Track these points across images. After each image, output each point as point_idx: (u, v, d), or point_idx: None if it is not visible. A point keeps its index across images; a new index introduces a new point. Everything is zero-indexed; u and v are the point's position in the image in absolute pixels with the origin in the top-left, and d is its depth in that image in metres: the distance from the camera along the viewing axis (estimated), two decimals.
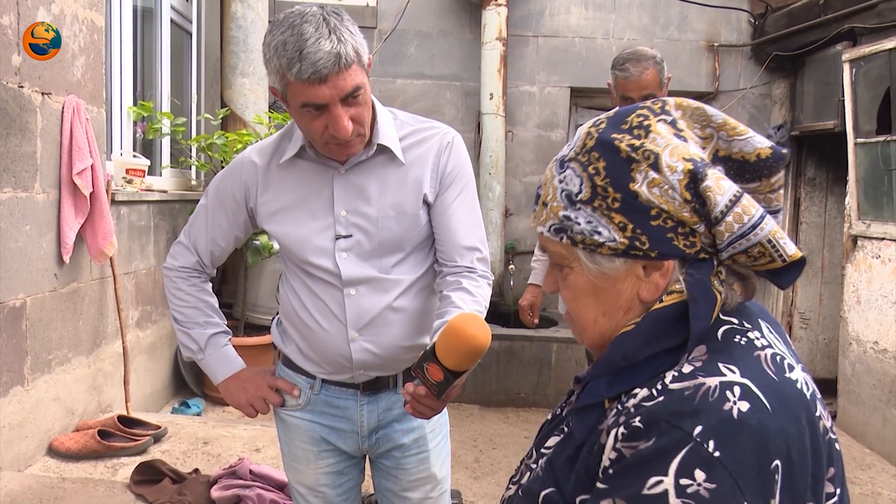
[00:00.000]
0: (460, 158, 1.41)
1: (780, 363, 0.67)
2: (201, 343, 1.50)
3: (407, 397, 1.14)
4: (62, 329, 2.35)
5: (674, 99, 0.72)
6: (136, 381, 3.03)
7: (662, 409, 0.62)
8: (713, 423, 0.60)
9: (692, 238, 0.67)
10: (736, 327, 0.69)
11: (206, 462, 2.26)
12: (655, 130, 0.68)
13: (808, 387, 0.67)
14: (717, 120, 0.69)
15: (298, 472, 1.51)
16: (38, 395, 2.22)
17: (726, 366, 0.64)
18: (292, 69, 1.16)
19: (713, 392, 0.62)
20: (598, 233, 0.69)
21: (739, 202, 0.65)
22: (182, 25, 3.94)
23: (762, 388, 0.63)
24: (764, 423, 0.61)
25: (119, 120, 3.17)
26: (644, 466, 0.61)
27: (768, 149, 0.68)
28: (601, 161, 0.69)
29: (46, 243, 2.23)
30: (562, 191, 0.72)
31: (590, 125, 0.74)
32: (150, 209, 3.16)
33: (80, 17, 2.36)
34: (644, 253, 0.68)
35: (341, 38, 1.17)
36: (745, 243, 0.65)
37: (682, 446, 0.60)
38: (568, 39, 4.88)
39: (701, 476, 0.58)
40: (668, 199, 0.66)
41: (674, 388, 0.63)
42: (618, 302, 0.72)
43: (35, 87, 2.12)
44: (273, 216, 1.40)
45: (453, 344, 1.04)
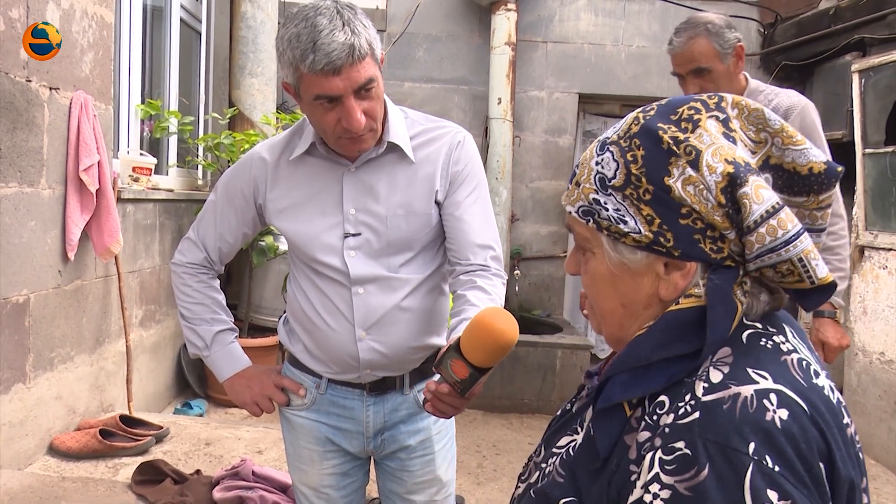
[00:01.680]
0: (471, 157, 1.40)
1: (807, 369, 0.65)
2: (207, 340, 1.48)
3: (428, 395, 1.11)
4: (65, 327, 2.33)
5: (732, 96, 0.69)
6: (139, 381, 3.01)
7: (704, 429, 0.59)
8: (762, 436, 0.58)
9: (721, 243, 0.65)
10: (760, 331, 0.66)
11: (208, 463, 2.24)
12: (704, 126, 0.66)
13: (834, 394, 0.65)
14: (774, 125, 0.66)
15: (303, 472, 1.49)
16: (39, 392, 2.20)
17: (756, 371, 0.62)
18: (306, 60, 1.15)
19: (751, 402, 0.59)
20: (625, 222, 0.67)
21: (777, 215, 0.62)
22: (191, 25, 3.94)
23: (797, 393, 0.61)
24: (805, 429, 0.59)
25: (126, 118, 3.16)
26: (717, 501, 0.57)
27: (823, 164, 0.64)
28: (641, 149, 0.67)
29: (51, 239, 2.21)
30: (596, 173, 0.70)
31: (639, 111, 0.71)
32: (156, 208, 3.15)
33: (89, 13, 2.35)
34: (667, 250, 0.66)
35: (355, 30, 1.16)
36: (775, 258, 0.63)
37: (744, 469, 0.57)
38: (577, 45, 4.87)
39: (774, 496, 0.56)
40: (701, 199, 0.64)
41: (707, 400, 0.61)
42: (637, 296, 0.70)
43: (43, 82, 2.11)
44: (282, 213, 1.39)
45: (480, 339, 1.00)
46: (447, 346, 1.06)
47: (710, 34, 1.98)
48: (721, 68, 1.98)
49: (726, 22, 2.02)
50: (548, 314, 4.98)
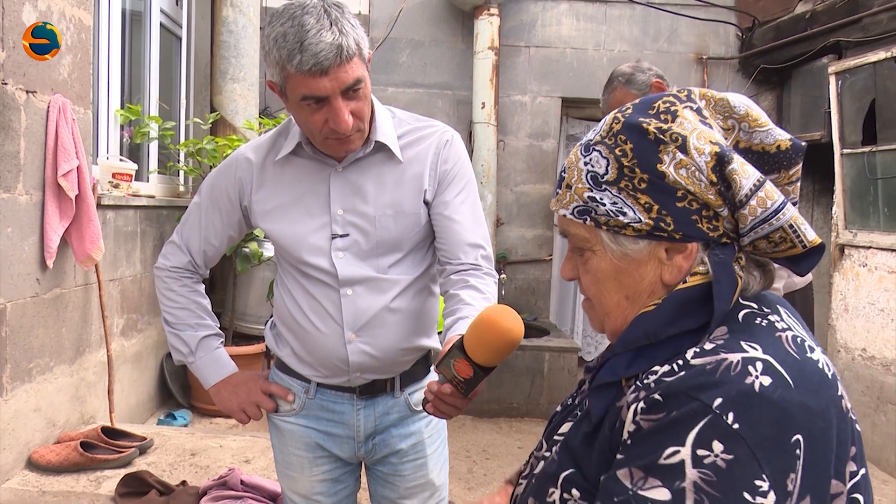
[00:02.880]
0: (460, 157, 1.39)
1: (802, 344, 0.67)
2: (192, 345, 1.45)
3: (430, 396, 1.08)
4: (44, 336, 2.28)
5: (699, 89, 0.73)
6: (121, 392, 2.95)
7: (682, 383, 0.63)
8: (733, 395, 0.60)
9: (716, 222, 0.68)
10: (756, 311, 0.69)
11: (193, 474, 2.19)
12: (682, 115, 0.70)
13: (829, 367, 0.68)
14: (739, 111, 0.70)
15: (292, 479, 1.47)
16: (17, 405, 2.14)
17: (748, 343, 0.64)
18: (293, 61, 1.14)
19: (735, 366, 0.62)
20: (623, 213, 0.70)
21: (763, 187, 0.66)
22: (171, 30, 3.89)
23: (784, 364, 0.63)
24: (786, 397, 0.61)
25: (106, 123, 3.11)
26: (661, 436, 0.61)
27: (788, 140, 0.69)
28: (628, 143, 0.70)
29: (29, 247, 2.16)
30: (587, 172, 0.72)
31: (616, 112, 0.74)
32: (137, 214, 3.10)
33: (67, 15, 2.31)
34: (669, 234, 0.69)
35: (343, 29, 1.15)
36: (768, 228, 0.66)
37: (700, 417, 0.60)
38: (559, 50, 4.90)
39: (719, 447, 0.59)
40: (694, 180, 0.67)
41: (695, 363, 0.64)
42: (641, 285, 0.72)
43: (19, 85, 2.06)
44: (268, 214, 1.37)
45: (486, 338, 0.98)
46: (450, 345, 1.04)
47: (623, 84, 2.21)
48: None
49: (635, 68, 2.23)
50: (535, 318, 4.98)
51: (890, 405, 3.52)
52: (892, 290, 3.53)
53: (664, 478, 0.60)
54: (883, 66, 3.56)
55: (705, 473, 0.58)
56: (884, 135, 3.61)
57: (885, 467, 3.53)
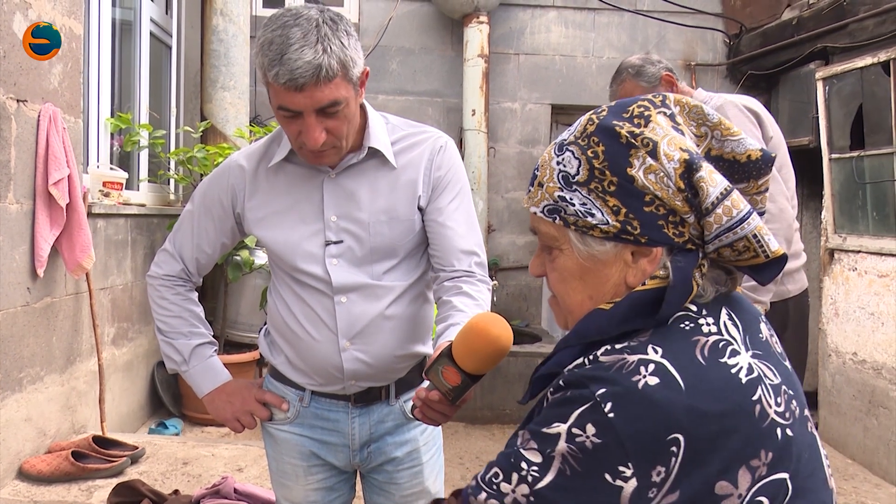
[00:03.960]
0: (454, 162, 1.39)
1: (721, 349, 0.69)
2: (185, 354, 1.45)
3: (418, 403, 1.08)
4: (35, 346, 2.26)
5: (674, 95, 0.75)
6: (112, 401, 2.93)
7: (582, 373, 0.69)
8: (616, 389, 0.65)
9: (682, 227, 0.70)
10: (690, 314, 0.71)
11: (186, 483, 2.18)
12: (655, 121, 0.71)
13: (752, 371, 0.69)
14: (712, 119, 0.72)
15: (287, 488, 1.46)
16: (7, 414, 2.12)
17: (654, 346, 0.68)
18: (272, 71, 1.14)
19: (629, 366, 0.67)
20: (592, 214, 0.71)
21: (729, 196, 0.67)
22: (161, 39, 3.89)
23: (680, 369, 0.66)
24: (670, 398, 0.64)
25: (96, 131, 3.10)
26: (553, 411, 0.68)
27: (759, 151, 0.71)
28: (600, 145, 0.71)
29: (19, 256, 2.15)
30: (559, 172, 0.74)
31: (591, 113, 0.76)
32: (128, 223, 3.09)
33: (57, 24, 2.31)
34: (634, 238, 0.70)
35: (328, 48, 1.13)
36: (732, 237, 0.68)
37: (583, 402, 0.66)
38: (549, 57, 4.93)
39: (591, 430, 0.65)
40: (662, 186, 0.69)
41: (602, 359, 0.69)
42: (605, 286, 0.74)
43: (10, 94, 2.05)
44: (261, 221, 1.37)
45: (475, 345, 0.97)
46: (438, 352, 1.04)
47: (632, 76, 2.21)
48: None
49: (645, 59, 2.23)
50: (526, 324, 4.99)
51: (881, 409, 3.55)
52: (882, 294, 3.56)
53: (540, 443, 0.68)
54: (870, 72, 3.61)
55: (573, 449, 0.65)
56: (871, 139, 3.65)
57: (876, 471, 3.55)
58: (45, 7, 2.22)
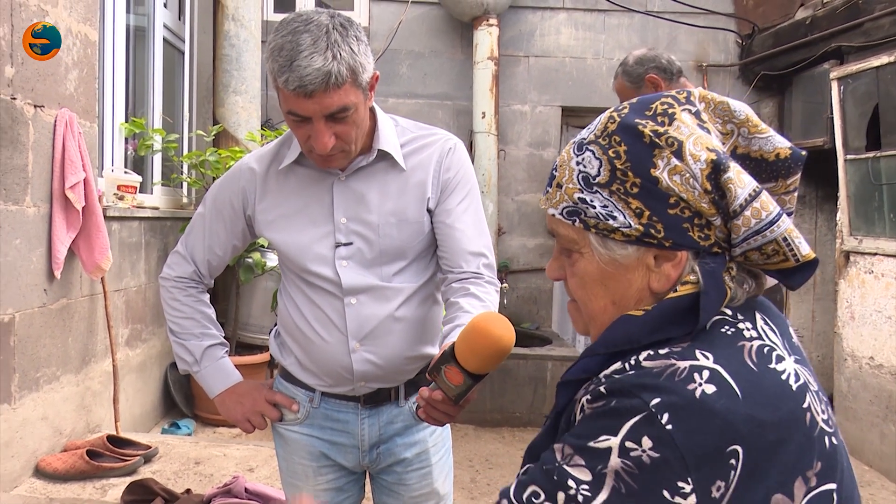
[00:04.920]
0: (463, 164, 1.40)
1: (767, 354, 0.66)
2: (197, 355, 1.46)
3: (421, 402, 1.09)
4: (51, 346, 2.30)
5: (699, 90, 0.71)
6: (126, 401, 2.96)
7: (627, 380, 0.64)
8: (672, 399, 0.61)
9: (707, 231, 0.67)
10: (727, 318, 0.68)
11: (198, 482, 2.20)
12: (680, 119, 0.68)
13: (798, 378, 0.66)
14: (739, 116, 0.68)
15: (297, 488, 1.47)
16: (25, 413, 2.15)
17: (703, 352, 0.64)
18: (282, 77, 1.15)
19: (681, 373, 0.62)
20: (613, 217, 0.68)
21: (758, 198, 0.64)
22: (174, 44, 3.94)
23: (734, 375, 0.63)
24: (730, 407, 0.61)
25: (111, 136, 3.14)
26: (598, 422, 0.63)
27: (788, 149, 0.67)
28: (622, 145, 0.68)
29: (37, 258, 2.18)
30: (579, 173, 0.70)
31: (612, 110, 0.72)
32: (142, 226, 3.12)
33: (73, 31, 2.34)
34: (658, 241, 0.67)
35: (337, 55, 1.14)
36: (761, 240, 0.65)
37: (636, 413, 0.61)
38: (559, 59, 4.93)
39: (647, 444, 0.60)
40: (688, 188, 0.65)
41: (645, 364, 0.64)
42: (628, 291, 0.71)
43: (27, 100, 2.09)
44: (272, 224, 1.38)
45: (476, 345, 0.98)
46: (441, 352, 1.04)
47: (623, 73, 2.21)
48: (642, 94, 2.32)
49: (640, 58, 2.21)
50: (537, 326, 4.98)
51: None
52: None
53: (589, 459, 0.62)
54: (886, 71, 3.57)
55: (628, 465, 0.60)
56: (888, 140, 3.61)
57: (894, 478, 3.50)
58: (61, 14, 2.25)
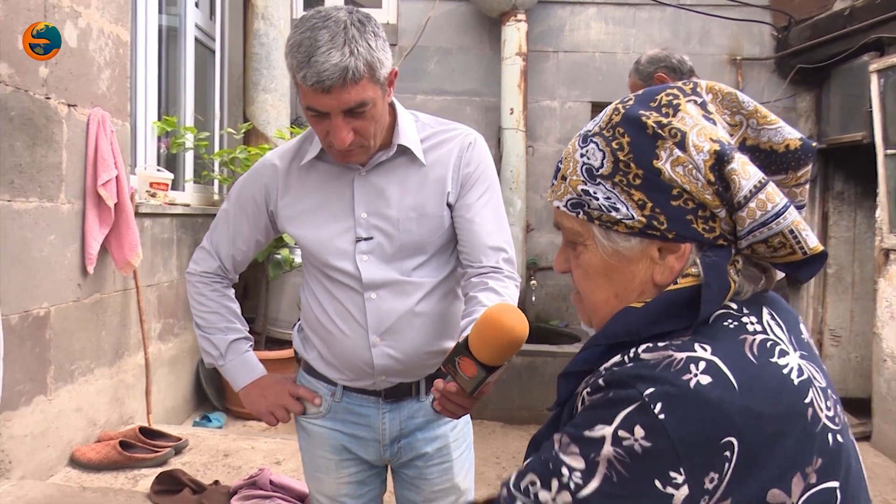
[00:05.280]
0: (483, 159, 1.39)
1: (770, 349, 0.65)
2: (222, 349, 1.48)
3: (436, 394, 1.10)
4: (85, 339, 2.36)
5: (706, 81, 0.70)
6: (158, 394, 3.03)
7: (624, 372, 0.64)
8: (666, 388, 0.60)
9: (712, 223, 0.66)
10: (731, 312, 0.67)
11: (226, 474, 2.24)
12: (685, 110, 0.67)
13: (802, 373, 0.65)
14: (748, 107, 0.68)
15: (319, 481, 1.49)
16: (60, 404, 2.22)
17: (702, 344, 0.63)
18: (300, 73, 1.16)
19: (677, 364, 0.62)
20: (616, 209, 0.68)
21: (764, 189, 0.63)
22: (205, 43, 4.00)
23: (732, 367, 0.62)
24: (724, 398, 0.60)
25: (144, 134, 3.21)
26: (595, 413, 0.63)
27: (798, 140, 0.66)
28: (626, 136, 0.68)
29: (71, 253, 2.24)
30: (583, 165, 0.70)
31: (617, 102, 0.72)
32: (174, 222, 3.19)
33: (105, 32, 2.40)
34: (661, 233, 0.67)
35: (354, 51, 1.14)
36: (767, 232, 0.64)
37: (630, 403, 0.61)
38: (588, 54, 4.87)
39: (640, 433, 0.60)
40: (691, 179, 0.65)
41: (643, 357, 0.64)
42: (631, 283, 0.71)
43: (61, 99, 2.15)
44: (293, 219, 1.39)
45: (489, 336, 0.98)
46: (455, 344, 1.05)
47: (635, 72, 2.29)
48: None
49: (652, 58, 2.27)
50: (565, 324, 4.94)
51: None
52: None
53: (583, 447, 0.63)
54: None
55: (620, 454, 0.60)
56: None
57: None
58: (93, 16, 2.31)
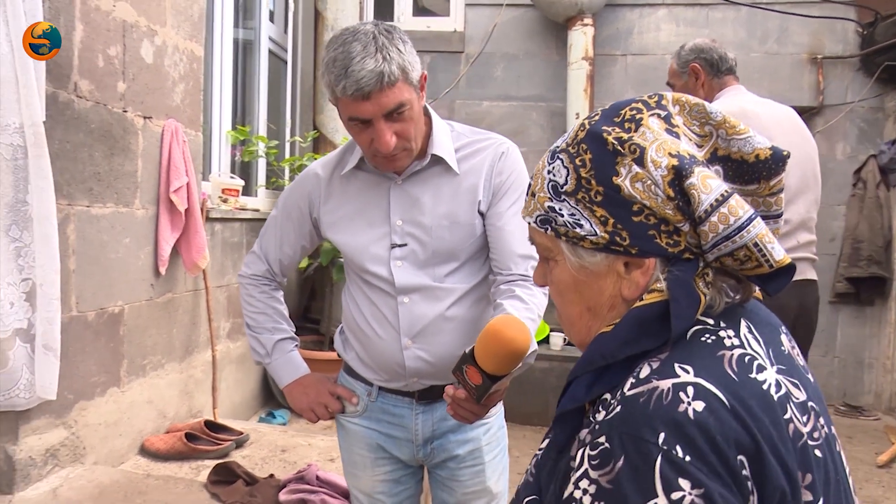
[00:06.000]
0: (515, 168, 1.41)
1: (748, 364, 0.64)
2: (269, 347, 1.57)
3: (448, 400, 1.13)
4: (157, 336, 2.52)
5: (672, 94, 0.71)
6: (226, 390, 3.19)
7: (620, 421, 0.61)
8: (671, 428, 0.58)
9: (676, 237, 0.66)
10: (708, 327, 0.67)
11: (281, 468, 2.34)
12: (646, 125, 0.67)
13: (780, 388, 0.64)
14: (716, 118, 0.67)
15: (357, 478, 1.54)
16: (132, 396, 2.38)
17: (681, 366, 0.62)
18: (339, 85, 1.22)
19: (666, 395, 0.60)
20: (581, 225, 0.69)
21: (727, 202, 0.63)
22: (279, 55, 4.19)
23: (720, 386, 0.61)
24: (722, 421, 0.59)
25: (218, 143, 3.40)
26: (627, 492, 0.58)
27: (768, 150, 0.66)
28: (588, 153, 0.69)
29: (144, 255, 2.41)
30: (549, 182, 0.71)
31: (585, 117, 0.73)
32: (243, 227, 3.35)
33: (180, 48, 2.57)
34: (625, 249, 0.67)
35: (387, 56, 1.20)
36: (731, 245, 0.64)
37: (653, 461, 0.58)
38: (658, 57, 4.76)
39: (686, 485, 0.57)
40: (650, 195, 0.65)
41: (629, 395, 0.62)
42: (600, 298, 0.71)
43: (138, 112, 2.31)
44: (334, 225, 1.46)
45: (491, 347, 1.01)
46: (463, 352, 1.08)
47: (676, 56, 2.35)
48: (679, 84, 2.33)
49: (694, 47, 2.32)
50: None
51: None
52: None
53: None
54: None
55: None
56: None
57: None
58: (169, 33, 2.48)
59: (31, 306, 1.82)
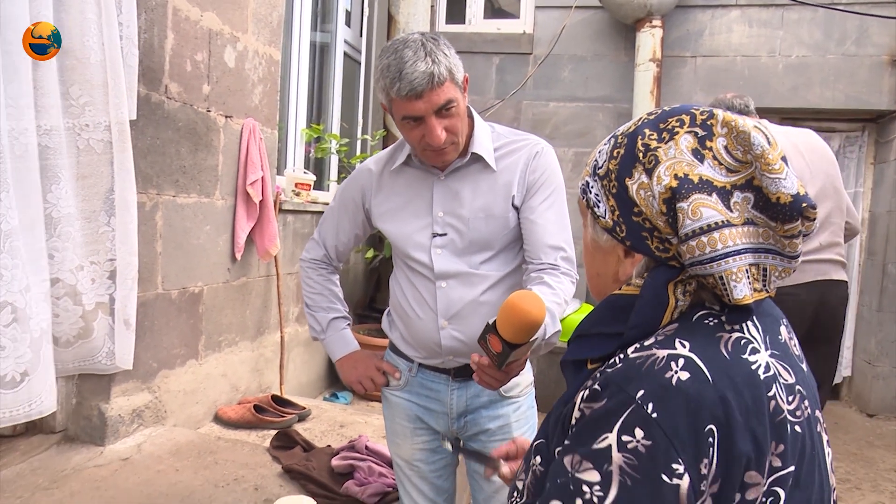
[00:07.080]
0: (549, 166, 1.52)
1: (743, 346, 0.71)
2: (324, 325, 1.74)
3: (474, 366, 1.27)
4: (231, 316, 2.77)
5: (725, 115, 0.72)
6: (293, 370, 3.43)
7: (616, 375, 0.70)
8: (653, 387, 0.66)
9: (667, 245, 0.72)
10: (714, 311, 0.73)
11: (338, 441, 2.53)
12: (676, 140, 0.72)
13: (769, 370, 0.71)
14: (756, 150, 0.69)
15: (398, 445, 1.69)
16: (208, 369, 2.63)
17: (681, 340, 0.70)
18: (394, 87, 1.37)
19: (660, 361, 0.68)
20: (598, 206, 0.78)
21: (710, 233, 0.68)
22: (353, 57, 4.41)
23: (707, 362, 0.68)
24: (702, 391, 0.66)
25: (293, 140, 3.65)
26: (597, 424, 0.68)
27: (789, 196, 0.68)
28: (622, 148, 0.76)
29: (222, 242, 2.65)
30: (595, 159, 0.80)
31: (647, 112, 0.79)
32: (313, 219, 3.58)
33: (259, 53, 2.80)
34: (621, 239, 0.76)
35: (435, 59, 1.35)
36: (702, 270, 0.69)
37: (625, 407, 0.66)
38: (729, 59, 4.69)
39: (640, 433, 0.65)
40: (648, 204, 0.72)
41: (632, 356, 0.71)
42: (606, 269, 0.81)
43: (220, 112, 2.56)
44: (383, 215, 1.61)
45: (509, 317, 1.15)
46: (486, 323, 1.21)
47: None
48: None
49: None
50: None
51: None
52: None
53: (595, 461, 0.66)
54: None
55: (628, 457, 0.65)
56: None
57: None
58: (249, 40, 2.71)
59: (114, 283, 2.03)
